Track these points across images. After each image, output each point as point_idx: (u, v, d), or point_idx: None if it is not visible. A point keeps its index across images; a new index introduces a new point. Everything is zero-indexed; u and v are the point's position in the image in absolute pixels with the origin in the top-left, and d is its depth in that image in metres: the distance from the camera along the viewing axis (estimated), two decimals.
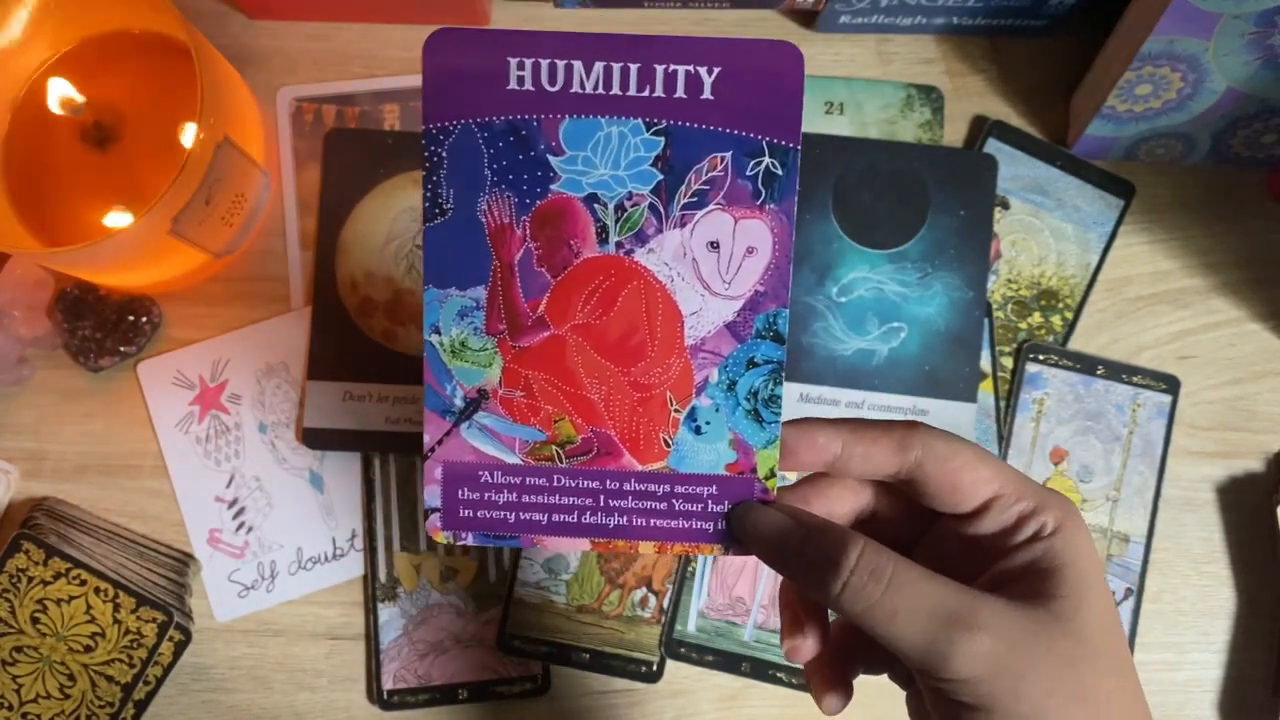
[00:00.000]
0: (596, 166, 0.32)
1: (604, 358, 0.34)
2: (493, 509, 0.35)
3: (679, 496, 0.34)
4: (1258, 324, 0.60)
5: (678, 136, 0.32)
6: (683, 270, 0.33)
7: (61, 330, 0.56)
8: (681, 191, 0.32)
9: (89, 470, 0.56)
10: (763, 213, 0.32)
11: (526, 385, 0.34)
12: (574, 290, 0.33)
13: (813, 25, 0.60)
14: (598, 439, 0.34)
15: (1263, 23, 0.49)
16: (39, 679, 0.51)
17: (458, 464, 0.34)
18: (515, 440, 0.34)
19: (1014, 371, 0.58)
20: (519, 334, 0.33)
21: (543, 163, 0.32)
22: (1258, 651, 0.58)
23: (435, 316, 0.33)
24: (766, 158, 0.32)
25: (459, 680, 0.55)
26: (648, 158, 0.32)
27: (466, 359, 0.34)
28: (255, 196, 0.56)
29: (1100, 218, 0.60)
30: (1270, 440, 0.59)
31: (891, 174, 0.57)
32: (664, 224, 0.33)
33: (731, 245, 0.33)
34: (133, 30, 0.55)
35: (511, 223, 0.33)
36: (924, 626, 0.28)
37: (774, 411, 0.33)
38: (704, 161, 0.32)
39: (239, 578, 0.56)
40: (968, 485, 0.31)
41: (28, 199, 0.54)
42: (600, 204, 0.33)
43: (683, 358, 0.34)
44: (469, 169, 0.32)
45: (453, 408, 0.34)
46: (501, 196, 0.32)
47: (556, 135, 0.32)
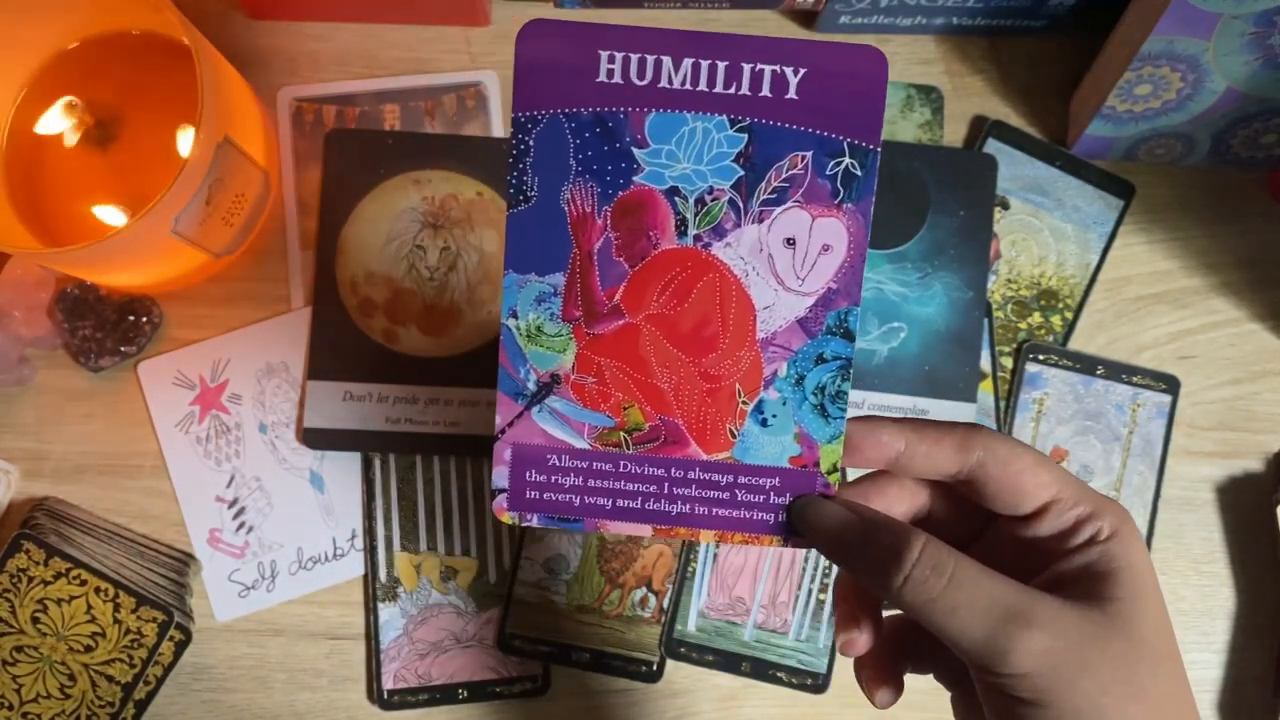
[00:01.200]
0: (679, 160, 0.33)
1: (676, 348, 0.34)
2: (559, 492, 0.35)
3: (742, 487, 0.34)
4: (1257, 324, 0.60)
5: (761, 134, 0.33)
6: (758, 265, 0.33)
7: (62, 330, 0.56)
8: (761, 188, 0.33)
9: (89, 470, 0.56)
10: (840, 212, 0.33)
11: (599, 372, 0.34)
12: (651, 280, 0.34)
13: (813, 25, 0.60)
14: (665, 427, 0.34)
15: (1262, 23, 0.49)
16: (39, 679, 0.51)
17: (527, 446, 0.35)
18: (585, 425, 0.34)
19: (1014, 371, 0.58)
20: (594, 321, 0.34)
21: (627, 154, 0.33)
22: (1257, 651, 0.58)
23: (514, 300, 0.34)
24: (846, 158, 0.33)
25: (459, 680, 0.55)
26: (730, 154, 0.33)
27: (542, 344, 0.34)
28: (255, 197, 0.56)
29: (1100, 218, 0.60)
30: (1270, 440, 0.59)
31: (891, 174, 0.57)
32: (742, 219, 0.33)
33: (808, 242, 0.33)
34: (133, 30, 0.55)
35: (593, 212, 0.33)
36: (984, 622, 0.29)
37: (840, 407, 0.34)
38: (785, 159, 0.33)
39: (239, 577, 0.56)
40: (1029, 488, 0.31)
41: (28, 199, 0.54)
42: (681, 197, 0.33)
43: (753, 351, 0.34)
44: (555, 158, 0.33)
45: (525, 391, 0.34)
46: (585, 186, 0.33)
47: (642, 128, 0.33)
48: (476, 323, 0.57)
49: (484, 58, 0.59)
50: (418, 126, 0.58)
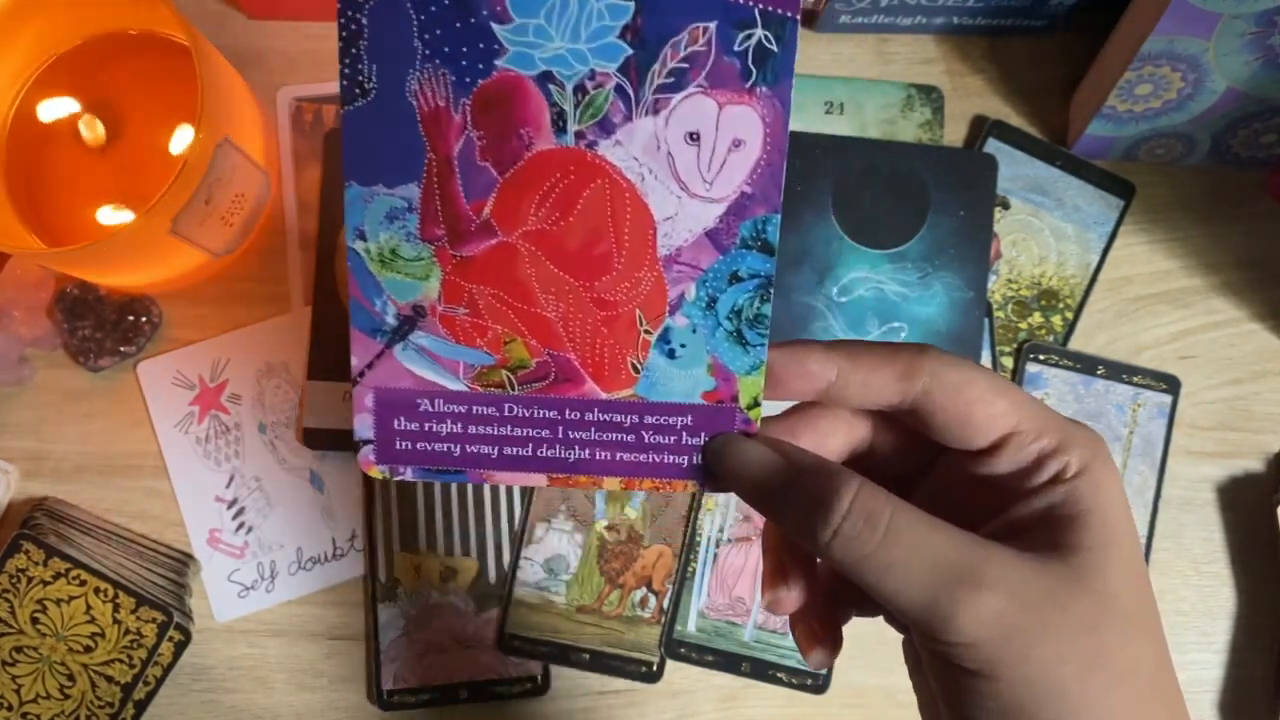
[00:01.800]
0: (551, 38, 0.27)
1: (562, 270, 0.29)
2: (434, 440, 0.30)
3: (649, 428, 0.30)
4: (1258, 324, 0.60)
5: (651, 2, 0.26)
6: (655, 166, 0.28)
7: (61, 330, 0.56)
8: (655, 71, 0.27)
9: (89, 470, 0.56)
10: (753, 97, 0.27)
11: (471, 301, 0.29)
12: (526, 189, 0.28)
13: (812, 25, 0.60)
14: (555, 363, 0.29)
15: (1263, 22, 0.49)
16: (38, 679, 0.51)
17: (392, 390, 0.29)
18: (459, 364, 0.29)
19: (1014, 371, 0.58)
20: (461, 241, 0.28)
21: (486, 32, 0.26)
22: (1258, 652, 0.58)
23: (359, 219, 0.28)
24: (759, 30, 0.26)
25: (459, 680, 0.55)
26: (614, 28, 0.27)
27: (398, 269, 0.29)
28: (255, 196, 0.56)
29: (1100, 218, 0.60)
30: (1270, 440, 0.59)
31: (891, 174, 0.57)
32: (634, 110, 0.27)
33: (714, 137, 0.27)
34: (132, 30, 0.55)
35: (449, 106, 0.27)
36: (925, 582, 0.25)
37: (760, 333, 0.29)
38: (683, 33, 0.27)
39: (239, 578, 0.56)
40: (981, 419, 0.27)
41: (28, 199, 0.54)
42: (556, 85, 0.27)
43: (655, 270, 0.29)
44: (396, 39, 0.27)
45: (384, 326, 0.29)
46: (436, 74, 0.27)
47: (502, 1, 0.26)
48: None
49: None
50: None
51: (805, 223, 0.57)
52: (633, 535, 0.56)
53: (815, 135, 0.58)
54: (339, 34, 0.27)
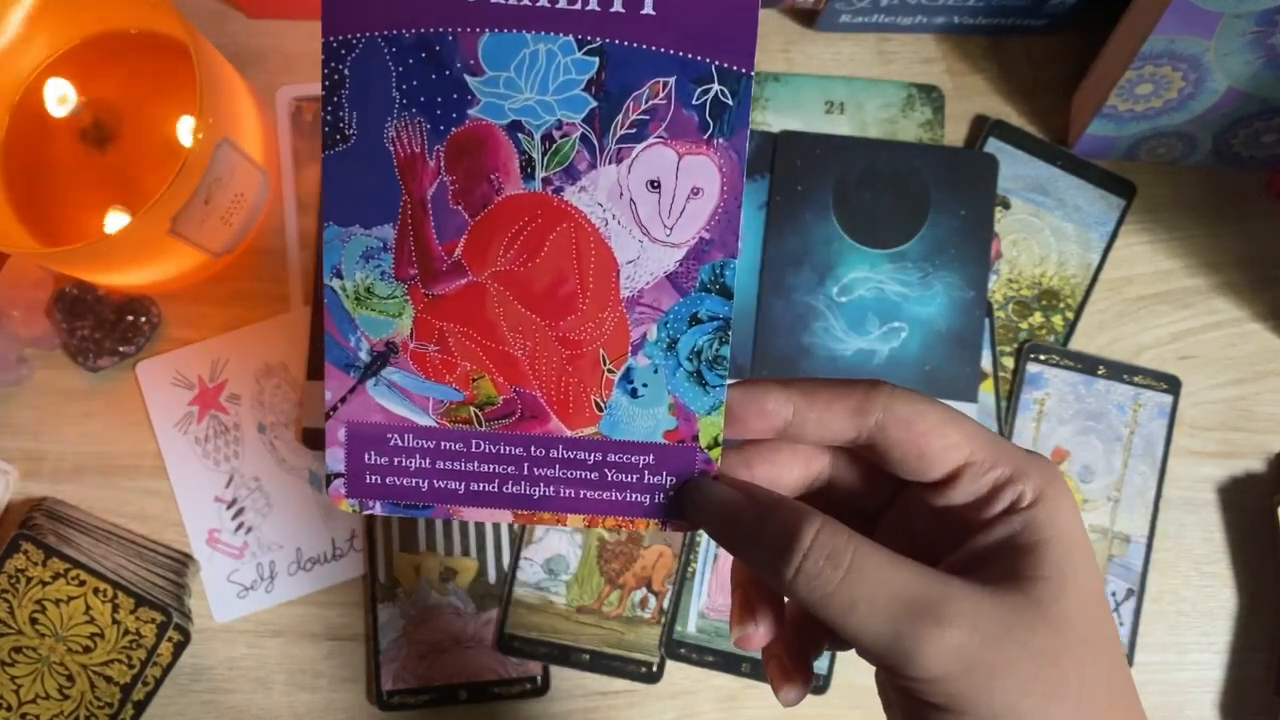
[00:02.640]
0: (521, 90, 0.28)
1: (529, 310, 0.30)
2: (403, 475, 0.31)
3: (612, 466, 0.30)
4: (1259, 324, 0.60)
5: (614, 58, 0.28)
6: (619, 212, 0.29)
7: (60, 330, 0.55)
8: (618, 122, 0.29)
9: (88, 470, 0.56)
10: (710, 148, 0.29)
11: (441, 338, 0.30)
12: (495, 232, 0.29)
13: (813, 24, 0.60)
14: (521, 400, 0.30)
15: (1263, 22, 0.48)
16: (38, 679, 0.51)
17: (364, 425, 0.30)
18: (429, 400, 0.30)
19: (1015, 371, 0.58)
20: (433, 280, 0.30)
21: (459, 84, 0.28)
22: (1259, 652, 0.57)
23: (336, 258, 0.29)
24: (715, 85, 0.28)
25: (459, 681, 0.55)
26: (580, 81, 0.28)
27: (373, 307, 0.30)
28: (254, 196, 0.56)
29: (1101, 217, 0.59)
30: (1271, 440, 0.59)
31: (892, 174, 0.57)
32: (598, 159, 0.29)
33: (674, 185, 0.29)
34: (132, 30, 0.55)
35: (423, 152, 0.29)
36: (886, 619, 0.25)
37: (719, 374, 0.30)
38: (644, 87, 0.28)
39: (238, 578, 0.56)
40: (935, 451, 0.28)
41: (26, 198, 0.54)
42: (525, 133, 0.28)
43: (617, 311, 0.30)
44: (375, 89, 0.28)
45: (357, 362, 0.30)
46: (412, 122, 0.28)
47: (475, 52, 0.28)
48: None
49: None
50: None
51: (805, 223, 0.57)
52: (633, 535, 0.56)
53: (816, 135, 0.58)
54: (322, 83, 0.28)
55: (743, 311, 0.57)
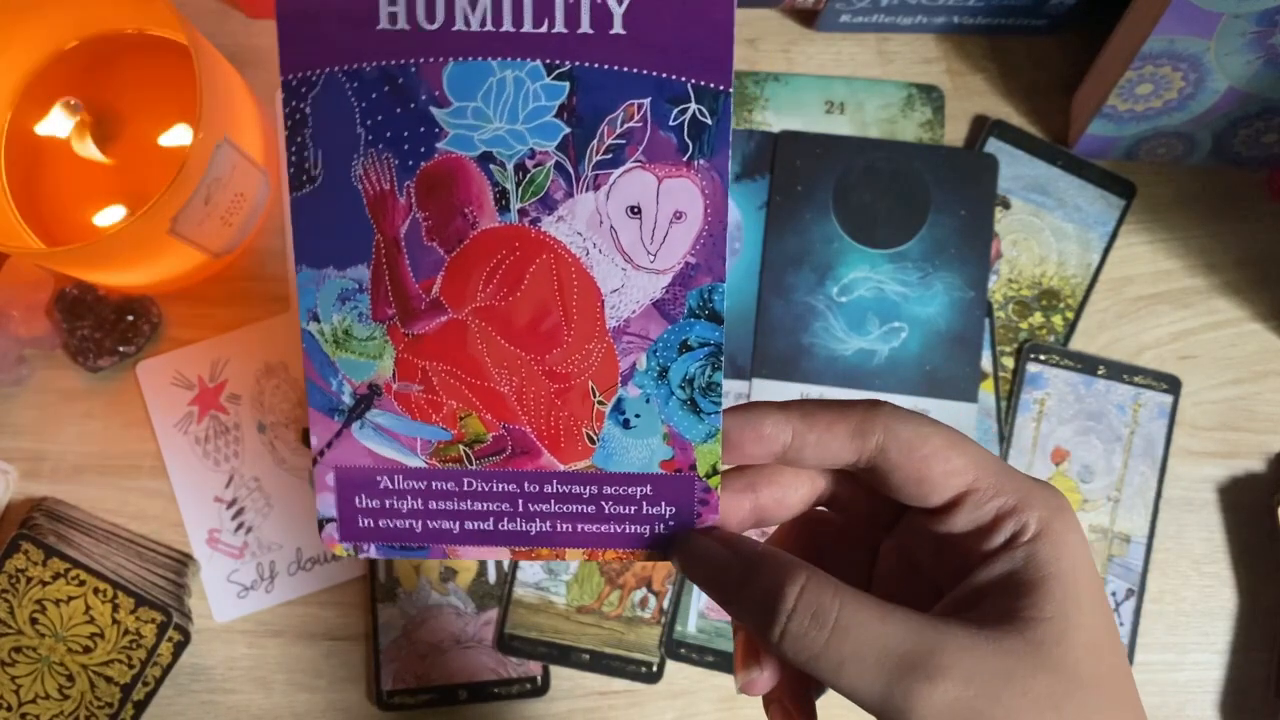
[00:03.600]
0: (490, 120, 0.27)
1: (513, 344, 0.29)
2: (396, 517, 0.30)
3: (609, 499, 0.30)
4: (1259, 324, 0.60)
5: (585, 81, 0.27)
6: (599, 241, 0.28)
7: (60, 330, 0.55)
8: (593, 147, 0.27)
9: (88, 470, 0.56)
10: (691, 170, 0.27)
11: (425, 378, 0.29)
12: (473, 267, 0.28)
13: (813, 24, 0.60)
14: (511, 436, 0.29)
15: (1264, 22, 0.48)
16: (38, 679, 0.51)
17: (352, 469, 0.30)
18: (417, 440, 0.30)
19: (1015, 371, 0.58)
20: (411, 320, 0.29)
21: (426, 117, 0.27)
22: (1259, 652, 0.57)
23: (311, 302, 0.29)
24: (693, 104, 0.27)
25: (459, 681, 0.55)
26: (550, 108, 0.27)
27: (352, 349, 0.29)
28: (254, 196, 0.56)
29: (1101, 217, 0.59)
30: (1271, 440, 0.59)
31: (892, 174, 0.57)
32: (575, 187, 0.28)
33: (655, 210, 0.28)
34: (131, 30, 0.55)
35: (393, 189, 0.28)
36: (877, 675, 0.24)
37: (713, 401, 0.29)
38: (618, 110, 0.27)
39: (238, 578, 0.56)
40: (937, 476, 0.27)
41: (27, 198, 0.54)
42: (497, 164, 0.28)
43: (604, 342, 0.29)
44: (339, 126, 0.27)
45: (341, 406, 0.30)
46: (380, 158, 0.28)
47: (440, 83, 0.27)
48: None
49: None
50: None
51: (805, 223, 0.57)
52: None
53: (815, 135, 0.58)
54: (284, 122, 0.28)
55: (742, 312, 0.57)
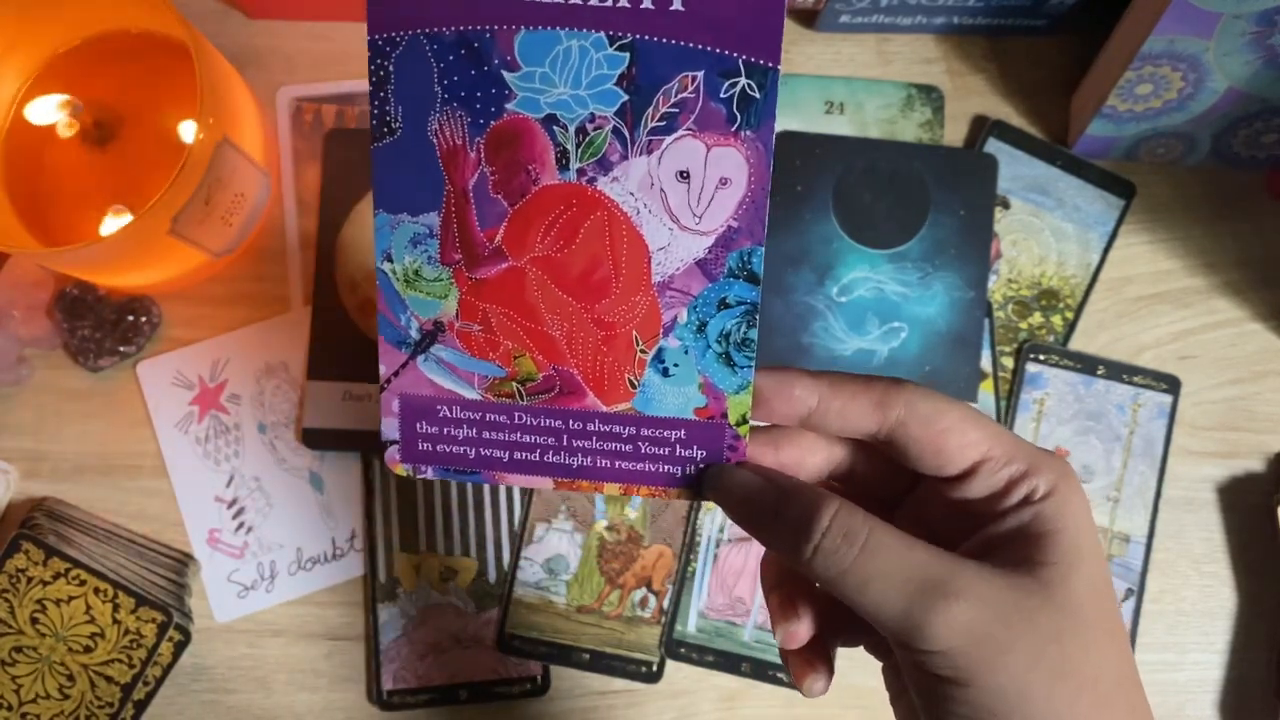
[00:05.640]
0: (555, 85, 0.30)
1: (566, 293, 0.32)
2: (453, 444, 0.33)
3: (645, 440, 0.32)
4: (1259, 324, 0.60)
5: (644, 52, 0.29)
6: (650, 201, 0.30)
7: (61, 330, 0.56)
8: (649, 115, 0.30)
9: (88, 470, 0.56)
10: (738, 140, 0.30)
11: (484, 319, 0.32)
12: (533, 220, 0.31)
13: (813, 25, 0.60)
14: (560, 377, 0.32)
15: (1263, 22, 0.48)
16: (38, 679, 0.51)
17: (415, 397, 0.33)
18: (474, 375, 0.32)
19: (1014, 371, 0.58)
20: (475, 265, 0.31)
21: (497, 79, 0.30)
22: (1258, 652, 0.58)
23: (386, 243, 0.32)
24: (743, 78, 0.29)
25: (459, 681, 0.55)
26: (611, 76, 0.29)
27: (421, 289, 0.32)
28: (255, 196, 0.56)
29: (1101, 217, 0.59)
30: (1271, 440, 0.59)
31: (892, 174, 0.57)
32: (629, 150, 0.30)
33: (703, 175, 0.30)
34: (132, 30, 0.55)
35: (465, 144, 0.30)
36: (899, 594, 0.26)
37: (747, 356, 0.32)
38: (673, 81, 0.29)
39: (238, 578, 0.56)
40: (954, 448, 0.29)
41: (27, 198, 0.54)
42: (560, 126, 0.30)
43: (649, 295, 0.31)
44: (418, 84, 0.30)
45: (408, 339, 0.32)
46: (454, 116, 0.30)
47: (512, 49, 0.29)
48: None
49: None
50: None
51: (805, 222, 0.57)
52: (633, 535, 0.56)
53: (815, 135, 0.58)
54: (370, 78, 0.30)
55: None
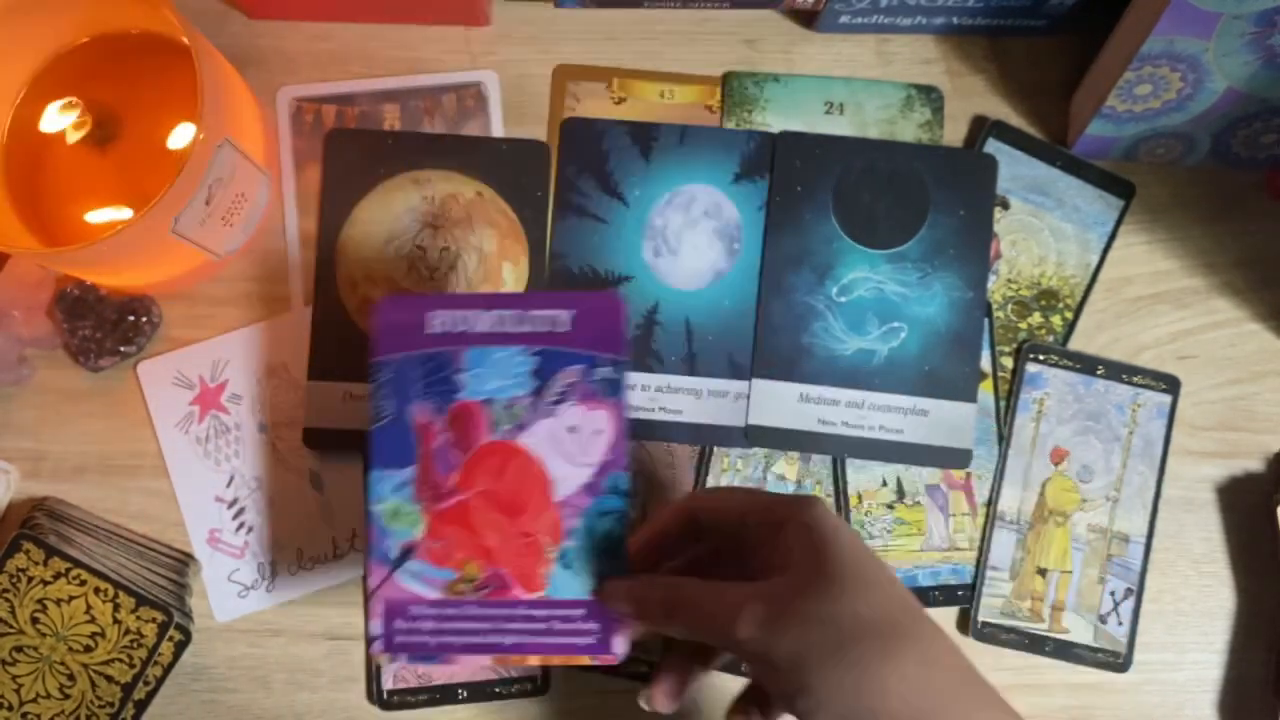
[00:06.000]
0: (491, 379, 0.45)
1: (498, 514, 0.44)
2: (419, 635, 0.44)
3: (558, 618, 0.44)
4: (1258, 324, 0.60)
5: (546, 356, 0.45)
6: (551, 448, 0.44)
7: (61, 330, 0.56)
8: (549, 393, 0.45)
9: (89, 470, 0.56)
10: (605, 405, 0.44)
11: (444, 538, 0.45)
12: (477, 466, 0.44)
13: (813, 25, 0.60)
14: (495, 576, 0.44)
15: (1262, 23, 0.49)
16: (39, 679, 0.51)
17: (395, 600, 0.44)
18: (436, 580, 0.44)
19: (1014, 371, 0.58)
20: (438, 500, 0.45)
21: (453, 380, 0.45)
22: (1258, 651, 0.58)
23: (379, 491, 0.45)
24: (605, 369, 0.45)
25: (459, 680, 0.55)
26: (526, 371, 0.45)
27: (400, 520, 0.44)
28: (255, 196, 0.56)
29: (1100, 218, 0.60)
30: (1270, 440, 0.59)
31: (891, 174, 0.57)
32: (538, 416, 0.44)
33: (585, 429, 0.44)
34: (133, 31, 0.55)
35: (432, 422, 0.45)
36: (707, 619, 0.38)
37: (621, 554, 0.44)
38: (564, 372, 0.45)
39: (239, 578, 0.56)
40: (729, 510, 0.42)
41: (28, 199, 0.54)
42: (493, 404, 0.45)
43: (554, 511, 0.44)
44: (404, 387, 0.45)
45: (390, 558, 0.44)
46: (425, 404, 0.45)
47: (462, 360, 0.45)
48: None
49: (484, 58, 0.59)
50: (418, 126, 0.58)
51: (805, 223, 0.57)
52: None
53: (815, 135, 0.58)
54: (370, 382, 0.45)
55: (743, 312, 0.57)
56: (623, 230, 0.57)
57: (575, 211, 0.58)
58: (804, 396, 0.56)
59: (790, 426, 0.56)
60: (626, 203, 0.58)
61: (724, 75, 0.60)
